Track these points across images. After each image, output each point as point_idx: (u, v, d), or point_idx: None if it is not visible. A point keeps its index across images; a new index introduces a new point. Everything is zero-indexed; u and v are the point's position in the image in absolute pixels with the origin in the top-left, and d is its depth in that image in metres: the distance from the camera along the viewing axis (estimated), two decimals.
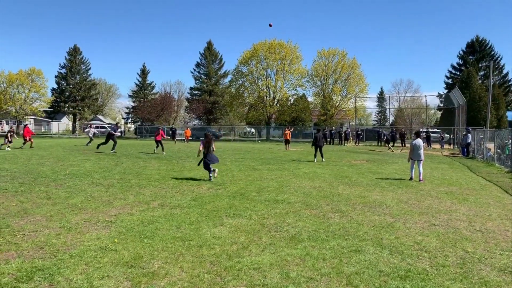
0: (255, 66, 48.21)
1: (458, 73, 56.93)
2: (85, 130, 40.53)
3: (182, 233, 5.64)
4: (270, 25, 22.13)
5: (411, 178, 11.92)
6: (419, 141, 12.14)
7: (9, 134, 22.18)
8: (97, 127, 40.72)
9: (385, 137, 33.41)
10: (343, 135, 37.90)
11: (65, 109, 65.04)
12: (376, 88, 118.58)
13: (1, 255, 4.57)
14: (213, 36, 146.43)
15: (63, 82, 64.58)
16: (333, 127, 43.36)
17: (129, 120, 73.22)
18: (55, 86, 65.02)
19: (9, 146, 21.67)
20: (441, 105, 56.62)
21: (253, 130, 59.66)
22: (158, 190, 9.26)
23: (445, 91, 56.84)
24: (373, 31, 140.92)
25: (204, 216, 6.71)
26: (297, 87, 50.19)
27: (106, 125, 54.78)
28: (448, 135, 38.57)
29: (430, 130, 38.78)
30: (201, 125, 61.35)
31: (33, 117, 62.46)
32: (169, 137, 39.31)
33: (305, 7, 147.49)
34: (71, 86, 64.29)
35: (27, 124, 25.64)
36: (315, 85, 49.91)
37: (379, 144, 36.12)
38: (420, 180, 11.57)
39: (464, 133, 25.23)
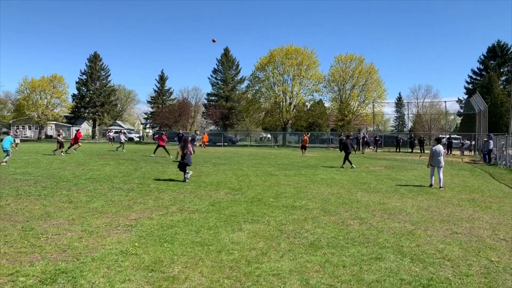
0: (271, 72, 48.26)
1: (479, 78, 55.83)
2: (108, 135, 41.29)
3: (201, 237, 5.67)
4: (214, 41, 21.91)
5: (431, 185, 11.72)
6: (439, 147, 11.94)
7: (59, 139, 22.70)
8: (124, 132, 41.50)
9: (365, 139, 35.04)
10: (360, 141, 37.52)
11: (85, 114, 66.28)
12: (394, 94, 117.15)
13: (26, 258, 4.68)
14: (230, 43, 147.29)
15: (84, 88, 65.88)
16: (351, 133, 42.97)
17: (148, 126, 74.16)
18: (76, 92, 66.36)
19: (62, 152, 22.18)
20: (461, 110, 55.55)
21: (269, 135, 59.63)
22: (177, 195, 9.35)
23: (465, 96, 55.76)
24: (390, 35, 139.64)
25: (222, 221, 6.74)
26: (314, 93, 49.97)
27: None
28: (468, 141, 37.79)
29: (451, 136, 38.00)
30: (218, 130, 61.66)
31: (55, 122, 63.89)
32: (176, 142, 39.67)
33: (322, 12, 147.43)
34: (91, 92, 65.53)
35: (79, 129, 26.39)
36: (332, 90, 49.63)
37: (398, 150, 35.69)
38: (440, 187, 11.37)
39: (486, 139, 24.68)
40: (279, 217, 7.12)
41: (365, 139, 34.99)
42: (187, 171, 11.89)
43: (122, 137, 29.93)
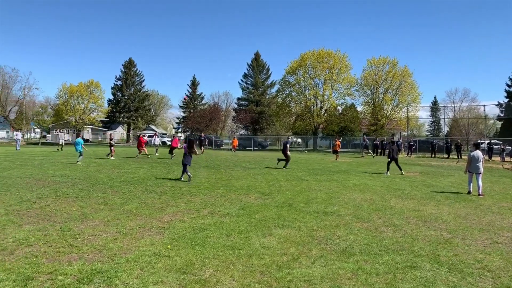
0: (302, 76, 47.99)
1: None
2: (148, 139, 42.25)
3: (232, 241, 5.69)
4: (185, 99, 21.72)
5: (469, 192, 11.27)
6: (478, 153, 11.47)
7: (112, 143, 23.44)
8: (149, 136, 42.38)
9: (364, 143, 34.65)
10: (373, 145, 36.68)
11: (120, 119, 68.25)
12: (429, 97, 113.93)
13: (64, 257, 4.85)
14: (260, 47, 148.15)
15: (119, 94, 67.91)
16: (384, 138, 42.04)
17: (180, 130, 75.53)
18: (111, 97, 68.53)
19: (112, 156, 22.77)
20: (502, 115, 53.14)
21: (299, 140, 59.27)
22: (208, 198, 9.44)
23: (506, 100, 53.33)
24: (425, 38, 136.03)
25: (253, 225, 6.74)
26: (346, 96, 49.26)
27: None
28: (510, 147, 36.08)
29: (492, 141, 36.40)
30: (248, 134, 61.91)
31: (91, 126, 66.22)
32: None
33: (354, 15, 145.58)
34: (126, 97, 67.46)
35: (140, 135, 27.40)
36: (365, 94, 48.77)
37: (433, 155, 34.57)
38: (479, 195, 10.90)
39: None
40: (310, 223, 7.04)
41: (365, 143, 35.29)
42: (186, 171, 12.82)
43: (157, 140, 30.49)
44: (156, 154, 27.50)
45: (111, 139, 24.50)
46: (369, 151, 34.64)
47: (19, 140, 33.96)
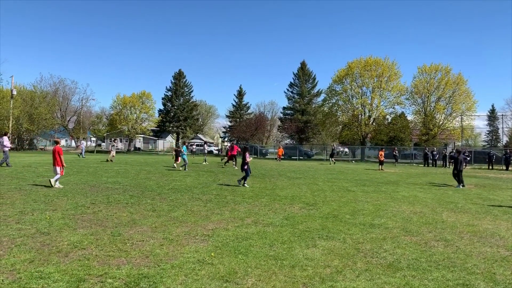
0: (349, 84, 47.23)
1: None
2: (191, 148, 43.33)
3: (274, 251, 5.66)
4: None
5: None
6: None
7: (178, 150, 23.42)
8: (198, 145, 43.32)
9: (332, 151, 37.50)
10: (448, 156, 34.91)
11: (170, 128, 70.64)
12: (487, 106, 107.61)
13: (114, 261, 5.06)
14: (307, 56, 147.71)
15: (169, 104, 70.44)
16: (435, 148, 40.20)
17: (226, 139, 76.79)
18: (162, 107, 71.23)
19: (176, 164, 22.62)
20: None
21: (346, 149, 58.11)
22: (252, 207, 9.48)
23: None
24: (480, 43, 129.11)
25: (296, 236, 6.67)
26: (395, 105, 47.80)
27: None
28: None
29: None
30: (293, 144, 61.65)
31: (142, 135, 69.09)
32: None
33: (403, 22, 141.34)
34: (175, 107, 69.82)
35: (233, 142, 28.58)
36: (416, 102, 47.08)
37: (490, 167, 32.52)
38: None
39: None
40: (355, 235, 6.85)
41: (333, 149, 38.02)
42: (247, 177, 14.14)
43: (206, 149, 31.22)
44: (206, 162, 28.10)
45: (178, 147, 24.61)
46: (332, 159, 36.15)
47: (83, 149, 36.47)
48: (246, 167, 13.90)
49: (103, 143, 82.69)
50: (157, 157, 40.30)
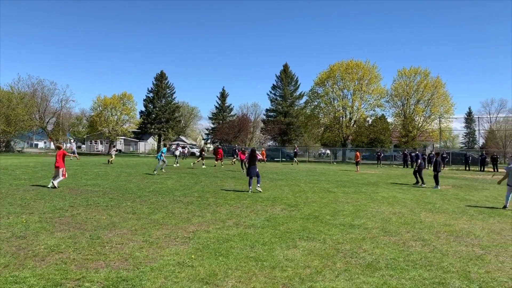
0: (331, 87, 47.77)
1: None
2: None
3: (255, 253, 5.68)
4: None
5: (505, 207, 10.77)
6: None
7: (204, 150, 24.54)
8: (183, 147, 42.81)
9: (294, 152, 38.03)
10: (426, 158, 35.62)
11: (151, 130, 69.86)
12: (464, 109, 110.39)
13: (92, 264, 4.99)
14: (289, 59, 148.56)
15: (150, 105, 69.63)
16: (415, 149, 40.97)
17: (209, 141, 76.45)
18: (143, 109, 70.37)
19: (203, 163, 23.84)
20: None
21: (328, 151, 58.64)
22: (234, 209, 9.48)
23: None
24: (459, 47, 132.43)
25: (277, 237, 6.70)
26: (376, 108, 48.61)
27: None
28: None
29: None
30: (276, 146, 61.85)
31: (123, 137, 68.16)
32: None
33: (384, 27, 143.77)
34: (157, 109, 69.07)
35: (219, 147, 28.56)
36: (395, 105, 47.93)
37: (467, 168, 33.37)
38: None
39: None
40: (335, 236, 6.93)
41: (295, 150, 38.62)
42: (250, 183, 13.16)
43: (179, 150, 30.59)
44: (177, 164, 27.52)
45: (202, 149, 25.43)
46: (295, 159, 37.09)
47: (75, 150, 35.49)
48: (257, 169, 13.29)
49: (83, 145, 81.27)
50: (138, 159, 39.77)
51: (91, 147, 77.37)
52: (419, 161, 17.81)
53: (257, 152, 13.52)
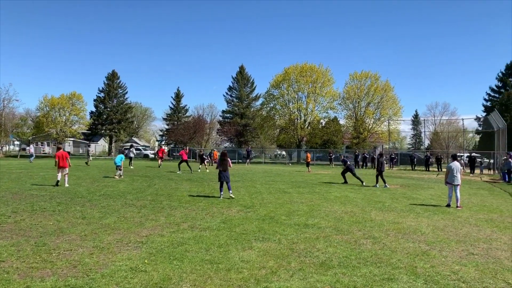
0: (286, 89, 48.56)
1: (497, 95, 54.88)
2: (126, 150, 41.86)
3: (211, 255, 5.64)
4: None
5: (448, 205, 11.44)
6: (455, 164, 11.70)
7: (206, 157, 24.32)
8: (137, 149, 41.60)
9: (248, 153, 39.92)
10: (369, 158, 37.23)
11: (102, 131, 67.33)
12: (411, 111, 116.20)
13: (37, 273, 4.72)
14: (245, 61, 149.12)
15: (101, 106, 67.13)
16: (366, 151, 42.63)
17: (163, 142, 74.93)
18: (94, 109, 67.70)
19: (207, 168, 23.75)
20: (480, 128, 54.59)
21: (283, 152, 59.49)
22: (189, 212, 9.35)
23: (484, 114, 54.81)
24: (406, 53, 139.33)
25: (233, 239, 6.70)
26: (329, 110, 50.04)
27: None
28: (487, 160, 36.95)
29: (474, 154, 37.04)
30: (232, 147, 61.83)
31: (72, 139, 65.14)
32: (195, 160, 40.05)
33: (337, 30, 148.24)
34: (108, 109, 66.70)
35: (161, 146, 27.88)
36: (347, 108, 49.56)
37: (413, 168, 35.20)
38: (457, 207, 11.10)
39: (505, 157, 24.11)
40: (290, 236, 7.04)
41: (248, 150, 40.73)
42: (228, 188, 12.25)
43: (133, 152, 29.79)
44: (131, 166, 26.94)
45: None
46: (248, 160, 39.46)
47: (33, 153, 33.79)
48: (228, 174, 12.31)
49: (27, 147, 76.72)
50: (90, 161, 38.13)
51: (37, 149, 73.29)
52: (382, 161, 17.82)
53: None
